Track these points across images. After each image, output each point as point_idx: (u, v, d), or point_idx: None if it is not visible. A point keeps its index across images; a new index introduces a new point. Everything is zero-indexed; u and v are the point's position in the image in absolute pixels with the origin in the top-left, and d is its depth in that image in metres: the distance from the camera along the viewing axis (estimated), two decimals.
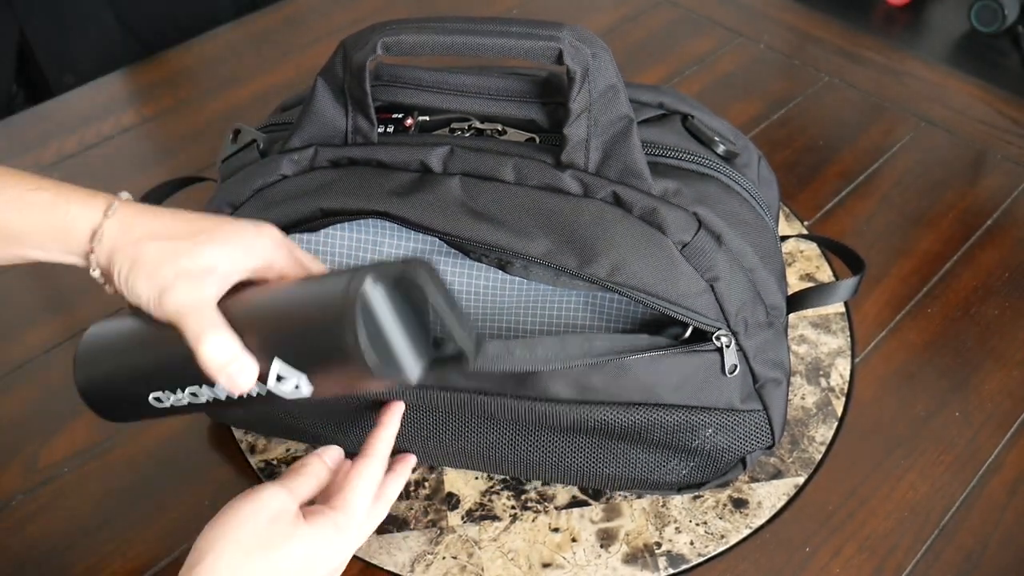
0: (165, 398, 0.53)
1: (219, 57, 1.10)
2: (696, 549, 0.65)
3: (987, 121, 0.99)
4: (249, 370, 0.48)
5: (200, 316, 0.49)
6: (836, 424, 0.72)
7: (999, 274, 0.84)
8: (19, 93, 1.29)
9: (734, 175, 0.63)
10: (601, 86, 0.57)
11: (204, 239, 0.51)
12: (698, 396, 0.59)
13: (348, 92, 0.60)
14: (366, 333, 0.47)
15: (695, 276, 0.57)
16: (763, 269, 0.60)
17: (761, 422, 0.62)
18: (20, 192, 0.52)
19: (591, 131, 0.57)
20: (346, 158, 0.61)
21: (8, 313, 0.82)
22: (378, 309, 0.47)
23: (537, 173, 0.58)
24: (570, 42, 0.56)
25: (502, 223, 0.57)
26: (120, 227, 0.51)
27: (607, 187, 0.58)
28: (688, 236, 0.57)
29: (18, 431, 0.72)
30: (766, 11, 1.15)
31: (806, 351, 0.77)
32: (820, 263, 0.84)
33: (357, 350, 0.46)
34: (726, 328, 0.58)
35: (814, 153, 0.96)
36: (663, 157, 0.61)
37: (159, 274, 0.50)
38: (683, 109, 0.66)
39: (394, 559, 0.65)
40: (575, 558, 0.64)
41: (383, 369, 0.47)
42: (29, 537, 0.66)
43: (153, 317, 0.51)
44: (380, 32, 0.57)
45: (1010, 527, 0.67)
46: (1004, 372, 0.76)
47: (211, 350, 0.48)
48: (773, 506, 0.67)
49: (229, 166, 0.64)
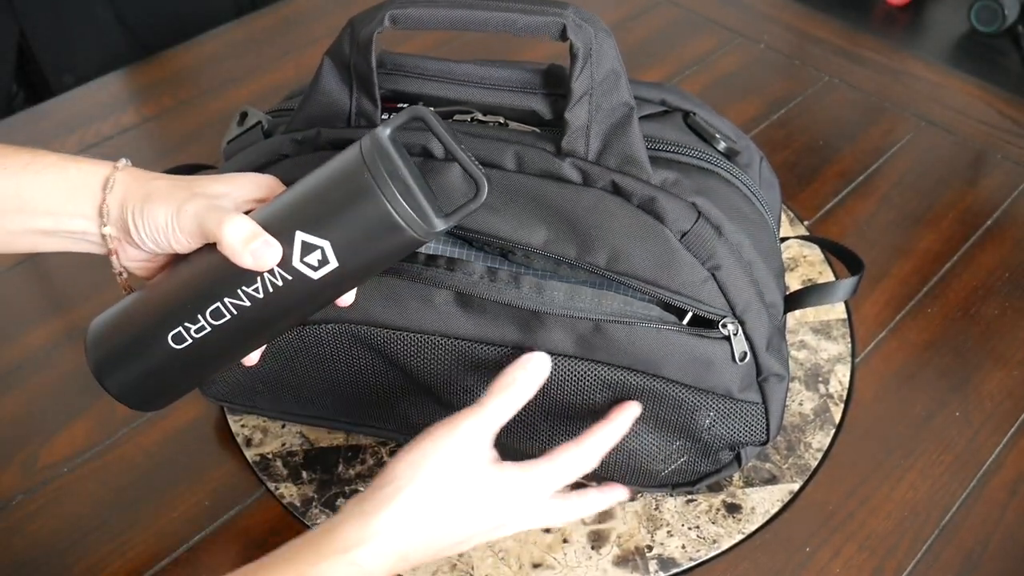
0: (186, 332, 0.52)
1: (219, 57, 1.10)
2: (687, 553, 0.65)
3: (987, 121, 0.99)
4: (272, 244, 0.49)
5: (219, 211, 0.51)
6: (834, 431, 0.71)
7: (999, 274, 0.84)
8: (19, 93, 1.29)
9: (735, 171, 0.63)
10: (604, 70, 0.57)
11: (211, 177, 0.55)
12: (700, 378, 0.60)
13: (354, 69, 0.60)
14: (383, 169, 0.48)
15: (696, 265, 0.57)
16: (761, 265, 0.60)
17: (758, 415, 0.62)
18: (27, 160, 0.55)
19: (592, 116, 0.58)
20: (349, 140, 0.61)
21: (8, 313, 0.82)
22: (392, 152, 0.49)
23: (538, 161, 0.58)
24: (574, 20, 0.56)
25: (502, 212, 0.57)
26: (130, 175, 0.54)
27: (606, 176, 0.58)
28: (687, 225, 0.57)
29: (18, 431, 0.72)
30: (766, 11, 1.15)
31: (806, 356, 0.76)
32: (823, 268, 0.84)
33: (379, 187, 0.48)
34: (732, 316, 0.58)
35: (814, 153, 0.96)
36: (663, 151, 0.62)
37: (175, 196, 0.52)
38: (685, 106, 0.66)
39: None
40: (566, 559, 0.64)
41: (406, 210, 0.48)
42: (29, 537, 0.66)
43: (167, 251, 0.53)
44: (389, 6, 0.58)
45: (1010, 527, 0.67)
46: (1004, 372, 0.76)
47: (232, 228, 0.49)
48: (767, 512, 0.67)
49: (233, 147, 0.66)
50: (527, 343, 0.60)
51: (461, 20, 0.57)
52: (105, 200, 0.53)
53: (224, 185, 0.54)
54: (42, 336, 0.79)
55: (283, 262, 0.50)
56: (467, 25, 0.57)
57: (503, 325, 0.60)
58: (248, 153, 0.64)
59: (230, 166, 0.64)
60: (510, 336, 0.60)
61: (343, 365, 0.64)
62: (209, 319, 0.52)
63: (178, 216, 0.52)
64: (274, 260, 0.50)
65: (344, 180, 0.49)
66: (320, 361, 0.64)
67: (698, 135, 0.64)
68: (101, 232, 0.54)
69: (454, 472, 0.52)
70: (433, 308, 0.60)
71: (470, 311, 0.60)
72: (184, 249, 0.53)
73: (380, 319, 0.61)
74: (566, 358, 0.60)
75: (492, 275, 0.59)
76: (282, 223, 0.50)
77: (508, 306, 0.59)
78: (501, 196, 0.58)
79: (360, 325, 0.62)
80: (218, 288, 0.51)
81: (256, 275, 0.50)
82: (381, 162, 0.48)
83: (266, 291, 0.51)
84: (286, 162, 0.62)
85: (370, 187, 0.48)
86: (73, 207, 0.54)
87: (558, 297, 0.58)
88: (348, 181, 0.49)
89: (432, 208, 0.50)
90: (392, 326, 0.62)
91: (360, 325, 0.62)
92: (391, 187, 0.48)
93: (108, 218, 0.54)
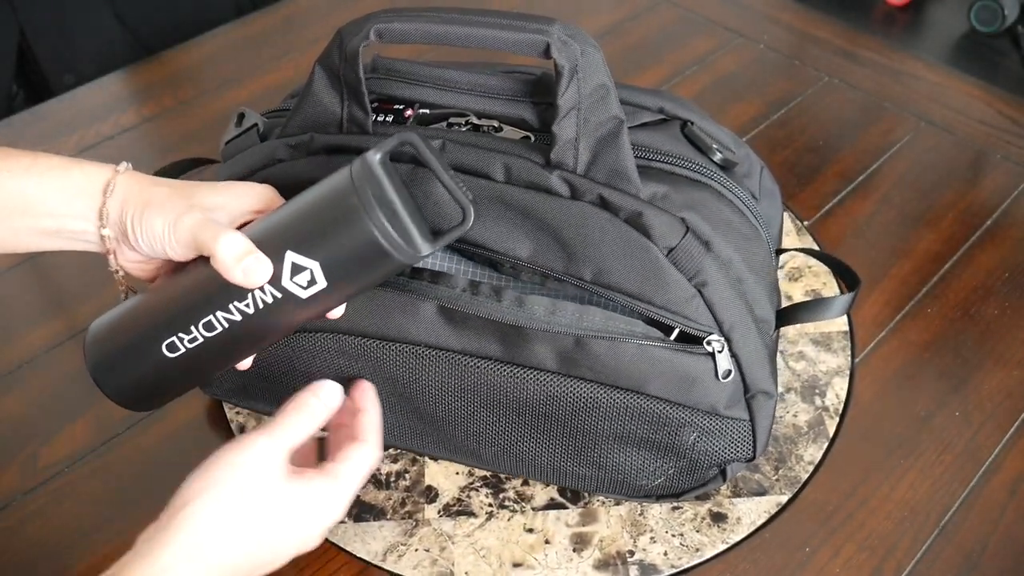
0: (179, 342, 0.53)
1: (219, 57, 1.10)
2: (669, 560, 0.64)
3: (987, 121, 0.99)
4: (263, 262, 0.50)
5: (214, 226, 0.52)
6: (827, 444, 0.71)
7: (999, 274, 0.84)
8: (19, 93, 1.29)
9: (729, 184, 0.63)
10: (591, 84, 0.57)
11: (209, 186, 0.56)
12: (684, 395, 0.59)
13: (343, 79, 0.60)
14: (371, 194, 0.49)
15: (682, 281, 0.57)
16: (752, 280, 0.60)
17: (744, 432, 0.61)
18: (31, 161, 0.56)
19: (580, 130, 0.57)
20: (341, 146, 0.61)
21: (8, 313, 0.82)
22: (381, 176, 0.50)
23: (526, 173, 0.58)
24: (559, 37, 0.55)
25: (490, 223, 0.57)
26: (131, 180, 0.55)
27: (594, 189, 0.57)
28: (674, 241, 0.57)
29: (18, 431, 0.73)
30: (766, 11, 1.15)
31: (804, 368, 0.75)
32: (828, 279, 0.82)
33: (366, 212, 0.49)
34: (718, 333, 0.58)
35: (814, 153, 0.96)
36: (656, 162, 0.61)
37: (173, 206, 0.53)
38: (683, 115, 0.66)
39: (367, 547, 0.65)
40: (547, 560, 0.64)
41: (392, 236, 0.49)
42: (29, 537, 0.66)
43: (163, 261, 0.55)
44: (374, 19, 0.58)
45: (1010, 527, 0.67)
46: (1004, 372, 0.76)
47: (225, 245, 0.50)
48: (752, 523, 0.66)
49: (230, 149, 0.66)
50: (510, 357, 0.60)
51: (445, 35, 0.57)
52: (105, 203, 0.55)
53: (222, 196, 0.55)
54: (42, 336, 0.79)
55: (273, 279, 0.51)
56: (451, 40, 0.57)
57: (486, 338, 0.60)
58: (245, 156, 0.64)
59: (228, 167, 0.65)
60: (493, 350, 0.60)
61: (332, 375, 0.64)
62: (202, 330, 0.53)
63: (175, 228, 0.52)
64: (264, 278, 0.51)
65: (334, 204, 0.50)
66: (307, 376, 0.64)
67: (694, 146, 0.64)
68: (100, 233, 0.55)
69: (247, 489, 0.50)
70: (418, 320, 0.61)
71: (454, 324, 0.60)
72: (179, 258, 0.54)
73: (366, 329, 0.62)
74: (549, 374, 0.60)
75: (474, 288, 0.59)
76: (273, 242, 0.51)
77: (489, 320, 0.59)
78: (489, 207, 0.58)
79: (347, 336, 0.62)
80: (211, 302, 0.52)
81: (247, 291, 0.51)
82: (369, 187, 0.49)
83: (256, 307, 0.52)
84: (282, 166, 0.62)
85: (357, 212, 0.49)
86: (74, 209, 0.55)
87: (539, 312, 0.58)
88: (337, 205, 0.50)
89: (419, 231, 0.51)
90: (378, 336, 0.62)
91: (347, 336, 0.62)
92: (378, 212, 0.49)
93: (107, 220, 0.55)
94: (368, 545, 0.65)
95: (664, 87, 1.03)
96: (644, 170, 0.60)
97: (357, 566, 0.65)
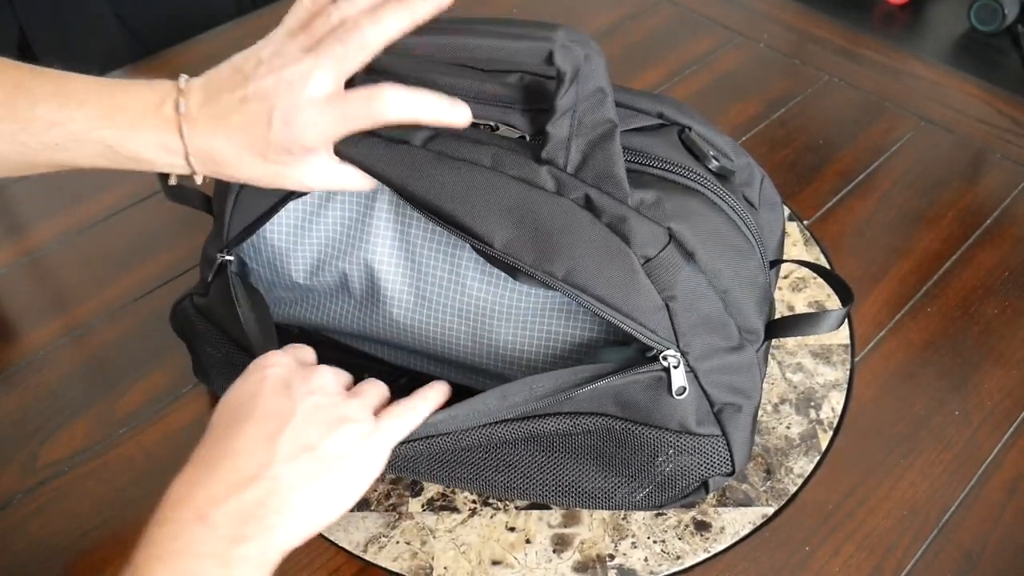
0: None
1: (219, 57, 1.09)
2: (649, 566, 0.64)
3: (987, 120, 0.99)
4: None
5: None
6: (818, 458, 0.70)
7: (998, 273, 0.84)
8: None
9: (722, 192, 0.61)
10: (590, 87, 0.56)
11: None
12: (647, 415, 0.59)
13: None
14: None
15: (652, 292, 0.56)
16: (739, 291, 0.59)
17: (719, 447, 0.61)
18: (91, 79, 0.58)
19: (573, 130, 0.57)
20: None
21: (8, 313, 0.82)
22: None
23: (514, 165, 0.57)
24: (563, 43, 0.55)
25: (469, 201, 0.57)
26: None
27: (581, 189, 0.57)
28: (653, 251, 0.56)
29: (18, 431, 0.73)
30: (766, 11, 1.15)
31: (801, 380, 0.75)
32: (832, 291, 0.81)
33: None
34: (675, 348, 0.57)
35: (814, 152, 0.96)
36: (649, 167, 0.60)
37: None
38: (682, 121, 0.65)
39: (349, 537, 0.65)
40: (526, 559, 0.64)
41: None
42: (29, 537, 0.66)
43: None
44: None
45: (1009, 526, 0.67)
46: (1003, 371, 0.76)
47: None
48: (736, 533, 0.66)
49: None
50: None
51: (449, 46, 0.56)
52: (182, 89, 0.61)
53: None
54: (42, 336, 0.79)
55: None
56: (455, 51, 0.56)
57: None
58: None
59: None
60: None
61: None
62: None
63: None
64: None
65: None
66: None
67: (691, 152, 0.63)
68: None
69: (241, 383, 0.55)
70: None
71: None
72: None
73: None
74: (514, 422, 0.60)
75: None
76: None
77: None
78: (467, 185, 0.57)
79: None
80: None
81: None
82: None
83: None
84: None
85: None
86: (143, 99, 0.61)
87: (492, 404, 0.59)
88: None
89: None
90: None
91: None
92: None
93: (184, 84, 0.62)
94: (350, 535, 0.65)
95: (664, 86, 1.03)
96: (637, 175, 0.59)
97: (340, 557, 0.65)
